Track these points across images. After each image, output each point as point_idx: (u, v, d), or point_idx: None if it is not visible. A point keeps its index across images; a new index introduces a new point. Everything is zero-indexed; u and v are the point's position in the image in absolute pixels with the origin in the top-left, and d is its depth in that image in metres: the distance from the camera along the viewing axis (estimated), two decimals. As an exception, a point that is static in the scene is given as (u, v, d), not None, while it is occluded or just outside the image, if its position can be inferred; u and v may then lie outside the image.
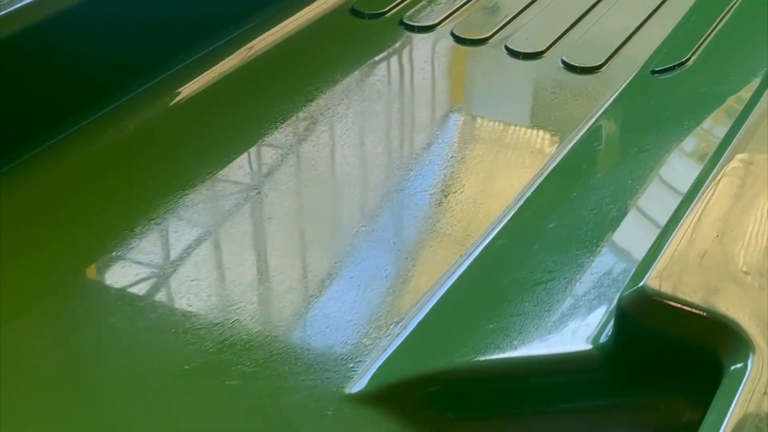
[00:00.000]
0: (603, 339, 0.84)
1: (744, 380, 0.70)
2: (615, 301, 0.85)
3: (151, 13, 1.40)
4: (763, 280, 0.81)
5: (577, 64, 1.46)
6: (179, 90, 1.41)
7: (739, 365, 0.73)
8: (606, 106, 1.34)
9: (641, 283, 0.80)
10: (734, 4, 1.48)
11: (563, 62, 1.47)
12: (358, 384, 0.95)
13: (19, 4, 1.25)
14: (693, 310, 0.78)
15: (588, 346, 0.86)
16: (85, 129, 1.31)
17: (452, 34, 1.55)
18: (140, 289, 1.10)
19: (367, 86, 1.49)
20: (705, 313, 0.77)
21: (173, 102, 1.40)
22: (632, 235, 1.04)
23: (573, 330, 0.90)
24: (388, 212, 1.24)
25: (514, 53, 1.50)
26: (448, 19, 1.58)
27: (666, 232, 0.87)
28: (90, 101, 1.33)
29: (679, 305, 0.78)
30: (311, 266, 1.13)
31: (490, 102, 1.47)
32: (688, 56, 1.38)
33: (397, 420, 0.92)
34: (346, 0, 1.61)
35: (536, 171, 1.25)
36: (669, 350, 0.80)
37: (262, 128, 1.36)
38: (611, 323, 0.85)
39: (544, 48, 1.50)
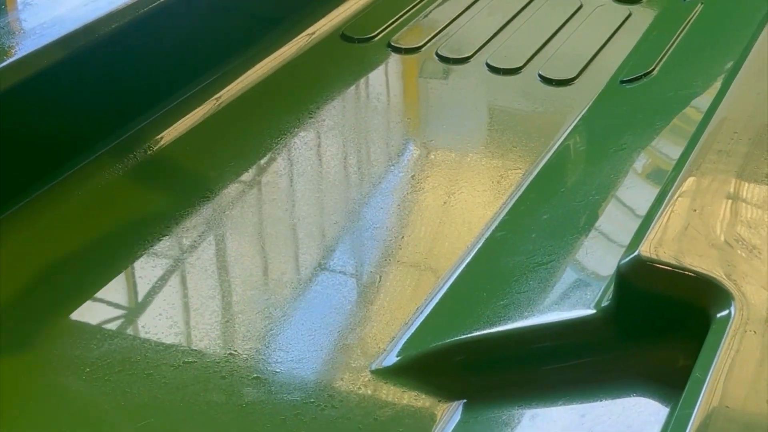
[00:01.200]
0: (604, 303, 0.98)
1: (730, 322, 0.84)
2: (613, 270, 0.99)
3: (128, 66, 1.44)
4: (738, 245, 0.95)
5: (552, 77, 1.61)
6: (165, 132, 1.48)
7: (724, 312, 0.87)
8: (583, 113, 1.49)
9: (637, 251, 0.94)
10: (691, 19, 1.65)
11: (540, 76, 1.62)
12: (388, 358, 1.08)
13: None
14: (683, 272, 0.92)
15: (592, 311, 1.00)
16: (53, 189, 1.34)
17: (437, 54, 1.69)
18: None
19: (360, 103, 1.63)
20: (693, 274, 0.91)
21: (153, 149, 1.46)
22: (619, 218, 1.18)
23: (576, 298, 1.03)
24: (397, 212, 1.36)
25: (494, 69, 1.65)
26: (432, 41, 1.73)
27: (653, 210, 1.01)
28: (53, 163, 1.35)
29: (670, 268, 0.92)
30: (333, 262, 1.27)
31: (476, 114, 1.62)
32: (653, 66, 1.54)
33: (424, 387, 1.05)
34: (337, 27, 1.75)
35: (525, 172, 1.39)
36: (663, 308, 0.94)
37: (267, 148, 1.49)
38: (611, 289, 0.99)
39: (522, 64, 1.65)
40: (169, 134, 1.47)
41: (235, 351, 1.10)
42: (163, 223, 1.30)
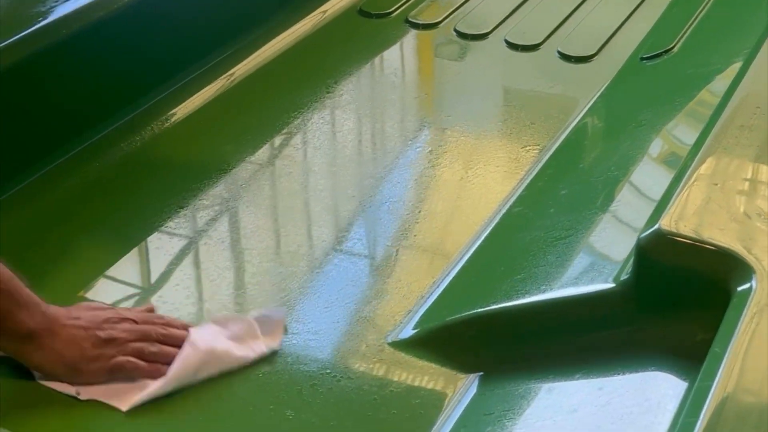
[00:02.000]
0: (623, 277, 0.98)
1: (750, 296, 0.83)
2: (632, 244, 0.99)
3: (139, 42, 1.44)
4: (760, 219, 0.95)
5: (572, 54, 1.59)
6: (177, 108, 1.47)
7: (745, 286, 0.86)
8: (602, 90, 1.48)
9: (657, 225, 0.94)
10: (713, -5, 1.64)
11: (559, 53, 1.61)
12: (405, 331, 1.07)
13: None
14: (703, 245, 0.91)
15: (610, 284, 0.99)
16: (70, 159, 1.34)
17: (455, 30, 1.68)
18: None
19: (377, 78, 1.63)
20: (713, 247, 0.91)
21: (168, 123, 1.45)
22: (638, 193, 1.18)
23: (595, 272, 1.03)
24: (413, 186, 1.36)
25: (513, 46, 1.64)
26: (450, 17, 1.72)
27: (674, 184, 1.01)
28: (72, 133, 1.35)
29: (691, 242, 0.92)
30: (350, 236, 1.26)
31: (494, 90, 1.61)
32: (674, 43, 1.53)
33: (440, 360, 1.05)
34: (355, 2, 1.74)
35: (542, 148, 1.38)
36: (684, 282, 0.93)
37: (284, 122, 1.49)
38: (630, 263, 0.98)
39: (541, 40, 1.63)
40: (183, 110, 1.46)
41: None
42: (179, 196, 1.29)
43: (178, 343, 0.98)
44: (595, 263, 1.05)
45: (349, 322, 1.11)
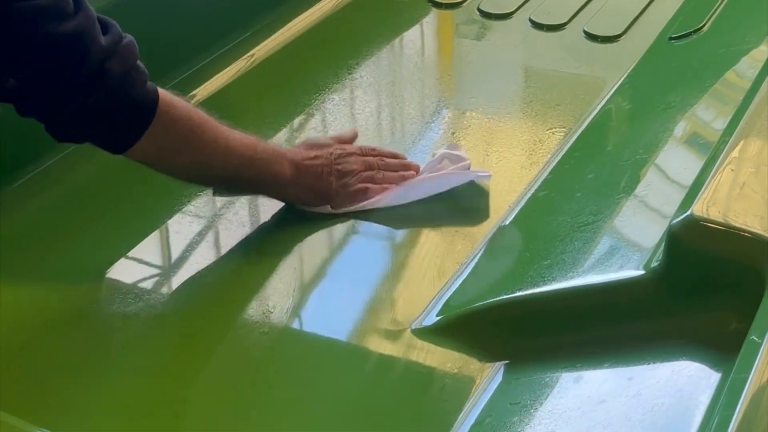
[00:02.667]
0: (654, 264, 0.95)
1: (788, 287, 0.81)
2: (663, 230, 0.96)
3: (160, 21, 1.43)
4: (796, 206, 0.92)
5: (598, 34, 1.56)
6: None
7: (781, 277, 0.84)
8: (629, 70, 1.44)
9: (689, 211, 0.91)
10: (744, -27, 1.59)
11: (585, 32, 1.57)
12: (429, 317, 1.05)
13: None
14: (738, 232, 0.88)
15: (640, 271, 0.96)
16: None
17: (479, 10, 1.65)
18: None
19: (399, 58, 1.60)
20: (749, 234, 0.88)
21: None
22: (668, 177, 1.15)
23: (624, 259, 1.01)
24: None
25: (538, 26, 1.61)
26: (473, -4, 1.69)
27: (706, 169, 0.98)
28: None
29: (725, 228, 0.89)
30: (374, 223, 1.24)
31: (518, 71, 1.58)
32: (703, 23, 1.49)
33: (465, 347, 1.02)
34: (377, -20, 1.71)
35: (568, 131, 1.35)
36: (716, 269, 0.91)
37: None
38: (660, 250, 0.95)
39: (567, 20, 1.60)
40: (202, 92, 1.44)
41: (274, 307, 1.08)
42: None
43: (394, 169, 1.23)
44: (623, 250, 1.03)
45: (371, 308, 1.09)
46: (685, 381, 0.89)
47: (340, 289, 1.12)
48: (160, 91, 1.08)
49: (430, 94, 1.51)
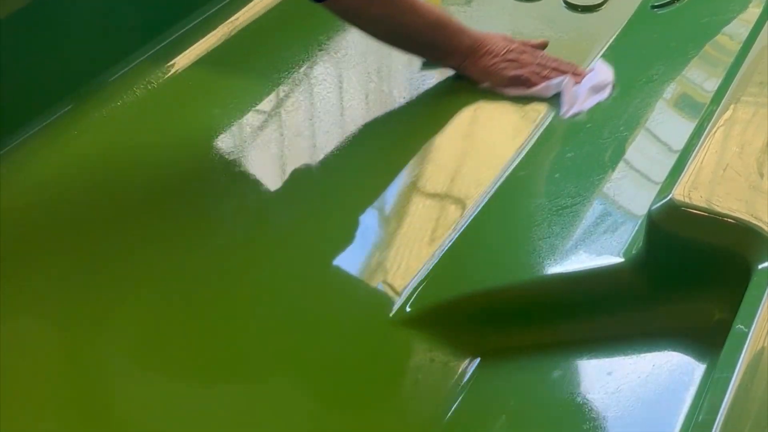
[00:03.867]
0: (634, 251, 0.90)
1: (773, 275, 0.76)
2: (643, 216, 0.91)
3: None
4: (783, 188, 0.87)
5: (578, 3, 1.50)
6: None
7: (766, 263, 0.79)
8: (610, 41, 1.38)
9: (670, 196, 0.86)
10: (727, -62, 1.53)
11: (565, 2, 1.51)
12: (402, 308, 1.00)
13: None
14: (721, 218, 0.83)
15: (620, 259, 0.92)
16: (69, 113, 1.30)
17: (455, -21, 1.59)
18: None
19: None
20: (733, 220, 0.83)
21: (168, 74, 1.39)
22: (649, 157, 1.09)
23: (603, 246, 0.96)
24: (404, 153, 1.28)
25: (516, -5, 1.55)
26: (452, -35, 1.62)
27: (688, 150, 0.93)
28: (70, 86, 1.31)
29: (707, 214, 0.84)
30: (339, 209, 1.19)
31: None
32: (686, -10, 1.43)
33: (437, 340, 0.98)
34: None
35: (549, 105, 1.30)
36: (699, 257, 0.86)
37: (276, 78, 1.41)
38: (640, 236, 0.91)
39: (546, -11, 1.55)
40: (183, 60, 1.39)
41: (244, 297, 1.04)
42: (180, 152, 1.24)
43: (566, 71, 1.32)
44: (603, 235, 0.97)
45: (340, 300, 1.04)
46: (667, 375, 0.84)
47: (308, 278, 1.07)
48: None
49: (408, 67, 1.45)
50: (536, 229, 1.04)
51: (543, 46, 1.38)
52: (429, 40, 1.34)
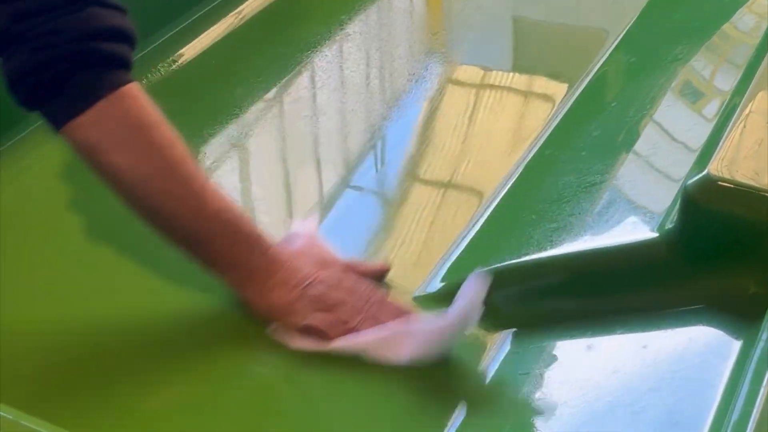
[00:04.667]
0: (668, 226, 0.91)
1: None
2: (675, 191, 0.92)
3: None
4: (818, 163, 0.88)
5: (598, -18, 1.51)
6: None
7: (803, 237, 0.80)
8: (633, 20, 1.39)
9: (706, 170, 0.87)
10: None
11: (586, -19, 1.52)
12: (432, 284, 1.01)
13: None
14: (757, 192, 0.84)
15: (653, 234, 0.93)
16: None
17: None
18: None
19: (386, 13, 1.54)
20: (768, 193, 0.84)
21: (176, 64, 1.38)
22: (677, 134, 1.10)
23: (635, 221, 0.96)
24: (434, 130, 1.28)
25: (535, -25, 1.55)
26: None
27: (720, 126, 0.94)
28: None
29: (744, 188, 0.85)
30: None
31: (513, 23, 1.51)
32: (709, -32, 1.43)
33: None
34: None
35: (571, 86, 1.30)
36: (734, 231, 0.87)
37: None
38: (674, 211, 0.91)
39: (565, -32, 1.55)
40: (190, 51, 1.39)
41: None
42: (186, 140, 1.23)
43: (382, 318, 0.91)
44: (634, 211, 0.98)
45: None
46: (704, 348, 0.85)
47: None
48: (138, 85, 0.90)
49: (423, 48, 1.46)
50: (566, 206, 1.04)
51: (380, 273, 0.99)
52: (195, 235, 0.90)
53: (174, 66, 1.36)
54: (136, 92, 0.89)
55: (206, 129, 1.24)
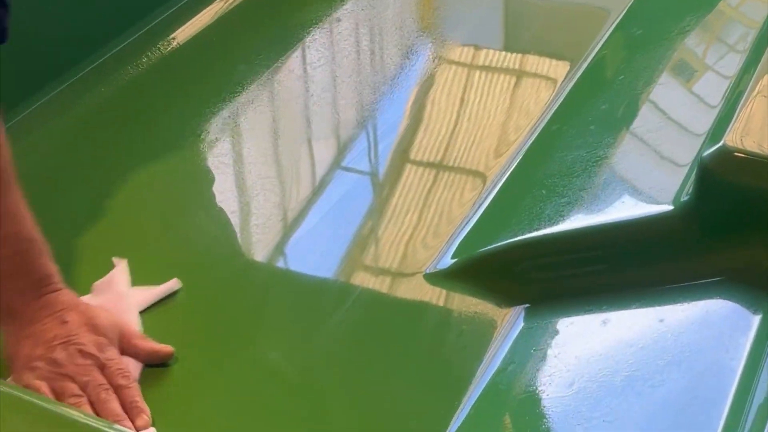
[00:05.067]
0: (684, 198, 0.90)
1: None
2: (689, 163, 0.91)
3: None
4: (834, 133, 0.87)
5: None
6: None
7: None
8: (635, -3, 1.38)
9: (722, 142, 0.86)
10: None
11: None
12: (443, 261, 1.00)
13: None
14: (775, 162, 0.83)
15: (669, 207, 0.92)
16: (74, 84, 1.28)
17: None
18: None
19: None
20: (786, 164, 0.83)
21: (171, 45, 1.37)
22: (687, 107, 1.09)
23: (649, 194, 0.96)
24: (442, 106, 1.27)
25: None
26: None
27: (733, 99, 0.93)
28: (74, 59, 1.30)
29: (760, 159, 0.84)
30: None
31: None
32: (715, -58, 1.42)
33: (481, 291, 0.98)
34: None
35: (577, 61, 1.29)
36: (751, 202, 0.86)
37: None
38: (689, 183, 0.91)
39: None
40: (182, 33, 1.37)
41: (274, 255, 1.03)
42: (182, 118, 1.22)
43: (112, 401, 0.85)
44: (647, 184, 0.97)
45: (381, 252, 1.04)
46: (721, 321, 0.85)
47: (347, 235, 1.07)
48: None
49: (433, 27, 1.44)
50: (576, 180, 1.03)
51: (155, 357, 0.91)
52: None
53: (167, 49, 1.34)
54: None
55: (205, 107, 1.23)
